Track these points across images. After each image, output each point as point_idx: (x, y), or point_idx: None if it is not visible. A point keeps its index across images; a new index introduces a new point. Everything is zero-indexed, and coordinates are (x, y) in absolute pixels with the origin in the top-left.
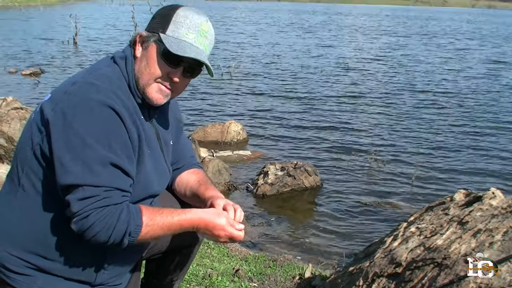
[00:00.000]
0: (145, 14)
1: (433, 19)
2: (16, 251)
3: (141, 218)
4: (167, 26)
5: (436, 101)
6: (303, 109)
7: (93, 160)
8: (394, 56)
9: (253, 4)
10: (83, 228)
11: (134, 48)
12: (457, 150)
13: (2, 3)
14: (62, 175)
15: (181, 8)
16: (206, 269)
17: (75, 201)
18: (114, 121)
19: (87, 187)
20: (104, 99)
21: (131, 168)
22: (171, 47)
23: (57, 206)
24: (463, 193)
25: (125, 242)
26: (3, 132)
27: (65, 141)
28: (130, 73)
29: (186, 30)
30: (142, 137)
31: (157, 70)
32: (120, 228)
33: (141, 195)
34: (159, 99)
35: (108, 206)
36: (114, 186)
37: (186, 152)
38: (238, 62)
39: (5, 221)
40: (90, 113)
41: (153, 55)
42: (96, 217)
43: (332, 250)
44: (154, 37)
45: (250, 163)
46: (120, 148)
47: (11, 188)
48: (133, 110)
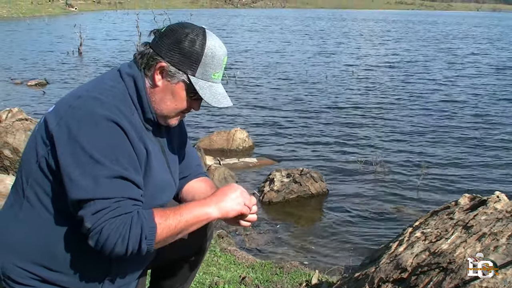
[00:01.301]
0: (148, 23)
1: (438, 23)
2: (21, 262)
3: (153, 219)
4: (196, 68)
5: (441, 108)
6: (308, 116)
7: (101, 174)
8: (401, 62)
9: (256, 11)
10: (100, 243)
11: (148, 73)
12: (462, 154)
13: (7, 14)
14: (72, 190)
15: (208, 46)
16: (212, 277)
17: (88, 216)
18: (118, 135)
19: (98, 201)
20: (108, 113)
21: (139, 180)
22: (204, 96)
23: (62, 218)
24: (467, 197)
25: (143, 247)
26: (8, 143)
27: (72, 155)
28: (142, 90)
29: (213, 70)
30: (150, 151)
31: (184, 105)
32: (135, 234)
33: (148, 208)
34: (176, 123)
35: (120, 215)
36: (124, 196)
37: (192, 161)
38: (242, 70)
39: (10, 232)
40: (95, 127)
41: (180, 93)
42: (110, 228)
43: (339, 256)
44: (183, 77)
45: (256, 170)
46: (127, 161)
47: (16, 199)
48: (137, 125)
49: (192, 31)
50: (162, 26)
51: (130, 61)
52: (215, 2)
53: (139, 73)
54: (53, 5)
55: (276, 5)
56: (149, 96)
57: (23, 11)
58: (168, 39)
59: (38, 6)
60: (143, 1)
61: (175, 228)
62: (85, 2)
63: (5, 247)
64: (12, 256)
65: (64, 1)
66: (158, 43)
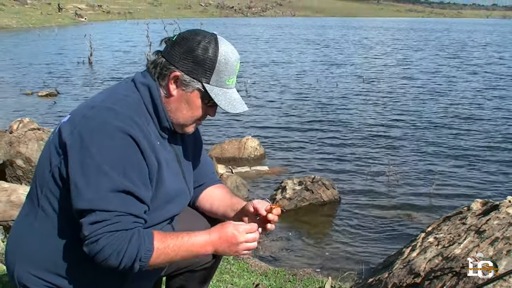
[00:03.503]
0: (158, 33)
1: (451, 30)
2: (36, 270)
3: (152, 243)
4: (210, 75)
5: (452, 114)
6: (319, 124)
7: (106, 186)
8: (411, 69)
9: (266, 19)
10: (93, 252)
11: (162, 83)
12: (473, 160)
13: (17, 25)
14: (76, 199)
15: (221, 53)
16: (226, 284)
17: (87, 225)
18: (131, 148)
19: (99, 212)
20: (122, 125)
21: (146, 195)
22: (220, 102)
23: (75, 227)
24: (480, 202)
25: (136, 267)
26: (21, 153)
27: (81, 165)
28: (157, 99)
29: (227, 76)
30: (162, 162)
31: (200, 113)
32: (131, 253)
33: (159, 219)
34: (193, 130)
35: (118, 231)
36: (126, 211)
37: (207, 168)
38: (253, 78)
39: (25, 241)
40: (107, 138)
41: (196, 101)
42: (106, 241)
43: (352, 263)
44: (198, 85)
45: (267, 178)
46: (136, 175)
47: (30, 209)
48: (152, 136)
49: (204, 38)
50: (173, 35)
51: (144, 71)
52: (225, 11)
53: (153, 83)
54: (63, 15)
55: (286, 14)
56: (165, 105)
57: (33, 22)
58: (180, 48)
59: (47, 16)
60: (153, 11)
61: (171, 257)
62: (94, 12)
63: (20, 256)
64: (27, 265)
65: (74, 12)
66: (170, 52)
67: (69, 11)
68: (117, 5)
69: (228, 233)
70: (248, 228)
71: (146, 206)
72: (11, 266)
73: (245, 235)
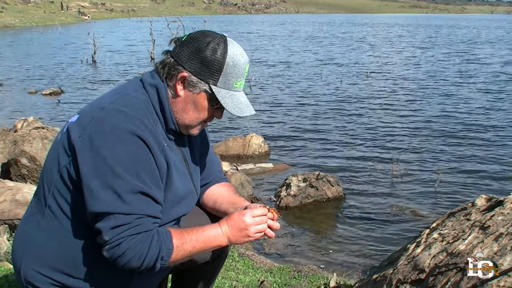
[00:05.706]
0: (161, 30)
1: (458, 27)
2: (42, 269)
3: (171, 241)
4: (217, 78)
5: (458, 110)
6: (323, 121)
7: (123, 189)
8: (414, 65)
9: (270, 16)
10: (115, 256)
11: (170, 83)
12: (478, 155)
13: (20, 24)
14: (92, 203)
15: (229, 55)
16: (231, 281)
17: (107, 230)
18: (141, 150)
19: (119, 215)
20: (131, 127)
21: (159, 195)
22: (226, 105)
23: (83, 227)
24: (484, 198)
25: (157, 266)
26: (26, 152)
27: (94, 168)
28: (165, 101)
29: (235, 79)
30: (170, 163)
31: (206, 115)
32: (153, 254)
33: (168, 219)
34: (198, 132)
35: (139, 233)
36: (145, 213)
37: (214, 166)
38: (257, 75)
39: (32, 240)
40: (117, 141)
41: (202, 103)
42: (128, 245)
43: (356, 259)
44: (205, 86)
45: (272, 175)
46: (148, 176)
47: (37, 207)
48: (160, 137)
49: (213, 39)
50: (183, 34)
51: (152, 71)
52: (228, 9)
53: (161, 84)
54: (66, 13)
55: (289, 11)
56: (171, 106)
57: (36, 20)
58: (189, 48)
59: (50, 15)
60: (156, 9)
61: (189, 252)
62: (98, 10)
63: (27, 254)
64: (34, 263)
65: (77, 10)
66: (179, 52)
67: (72, 9)
68: (120, 3)
69: (236, 219)
70: (254, 212)
71: (160, 206)
72: (17, 264)
73: (252, 218)
